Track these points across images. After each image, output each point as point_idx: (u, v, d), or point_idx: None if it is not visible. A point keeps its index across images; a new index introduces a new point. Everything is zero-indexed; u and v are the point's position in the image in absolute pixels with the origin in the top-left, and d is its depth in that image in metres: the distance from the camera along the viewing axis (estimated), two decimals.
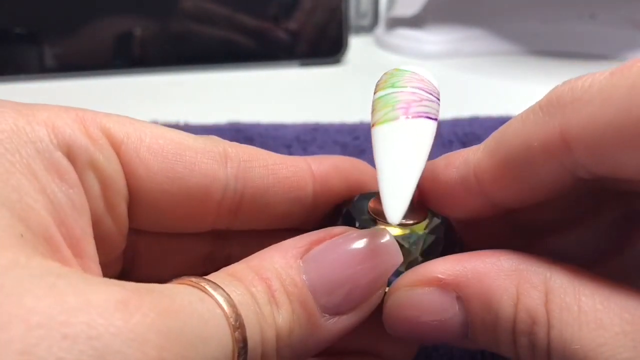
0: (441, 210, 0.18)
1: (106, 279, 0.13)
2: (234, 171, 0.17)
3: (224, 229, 0.18)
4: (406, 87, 0.17)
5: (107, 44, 0.49)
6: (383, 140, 0.15)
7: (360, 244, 0.15)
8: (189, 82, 0.49)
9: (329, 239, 0.16)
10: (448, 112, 0.42)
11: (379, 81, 0.18)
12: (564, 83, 0.15)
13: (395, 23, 0.59)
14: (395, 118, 0.16)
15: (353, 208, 0.18)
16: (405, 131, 0.16)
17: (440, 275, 0.15)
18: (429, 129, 0.16)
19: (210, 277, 0.14)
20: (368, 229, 0.16)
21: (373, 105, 0.17)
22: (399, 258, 0.16)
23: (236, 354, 0.13)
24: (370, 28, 0.62)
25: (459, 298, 0.15)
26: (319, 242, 0.16)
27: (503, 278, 0.15)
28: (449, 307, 0.15)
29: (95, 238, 0.15)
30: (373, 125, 0.16)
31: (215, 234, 0.19)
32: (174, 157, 0.16)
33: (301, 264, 0.15)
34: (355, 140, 0.39)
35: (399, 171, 0.15)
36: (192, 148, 0.16)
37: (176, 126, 0.21)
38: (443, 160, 0.18)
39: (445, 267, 0.16)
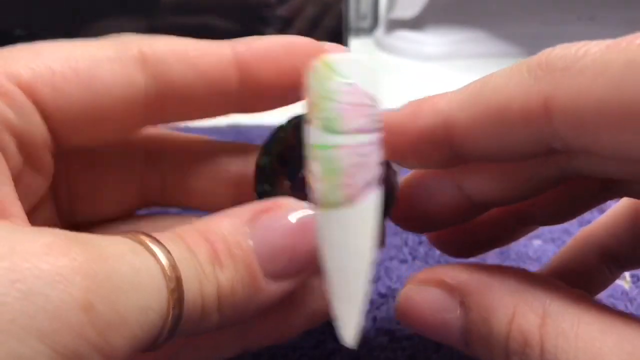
0: (403, 160, 0.18)
1: (36, 228, 0.13)
2: (150, 73, 0.16)
3: (150, 140, 0.19)
4: (341, 133, 0.15)
5: None
6: (326, 236, 0.15)
7: (302, 216, 0.16)
8: None
9: (276, 209, 0.16)
10: None
11: (312, 91, 0.16)
12: (556, 47, 0.14)
13: (395, 25, 0.59)
14: (337, 205, 0.15)
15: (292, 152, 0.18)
16: (349, 221, 0.15)
17: (448, 280, 0.16)
18: (375, 205, 0.16)
19: (154, 234, 0.14)
20: (310, 204, 0.16)
21: (312, 156, 0.15)
22: None
23: (171, 305, 0.13)
24: (370, 30, 0.62)
25: (462, 304, 0.16)
26: (266, 211, 0.16)
27: (504, 295, 0.15)
28: (451, 309, 0.16)
29: (18, 189, 0.15)
30: (315, 204, 0.15)
31: (146, 164, 0.19)
32: (89, 76, 0.15)
33: (248, 230, 0.15)
34: None
35: (351, 290, 0.15)
36: (105, 60, 0.16)
37: (176, 129, 0.21)
38: (409, 108, 0.17)
39: (455, 272, 0.16)
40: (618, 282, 0.26)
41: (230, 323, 0.15)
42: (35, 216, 0.17)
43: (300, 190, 0.17)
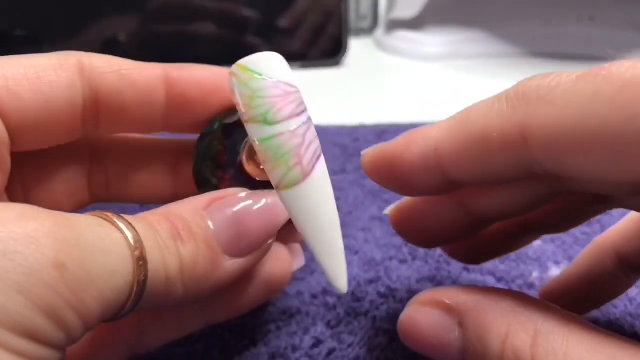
0: (402, 188, 0.19)
1: (8, 202, 0.14)
2: (87, 78, 0.18)
3: (94, 140, 0.21)
4: (279, 122, 0.17)
5: (107, 46, 0.49)
6: (296, 209, 0.17)
7: (253, 202, 0.18)
8: None
9: (227, 197, 0.18)
10: (448, 113, 0.42)
11: (239, 94, 0.17)
12: (532, 78, 0.15)
13: (395, 25, 0.59)
14: (297, 182, 0.17)
15: (229, 140, 0.20)
16: (312, 191, 0.17)
17: (447, 301, 0.17)
18: (325, 169, 0.18)
19: (125, 216, 0.16)
20: (261, 191, 0.19)
21: (260, 150, 0.17)
22: (284, 216, 0.18)
23: (136, 271, 0.15)
24: (370, 30, 0.62)
25: (460, 324, 0.17)
26: (220, 199, 0.18)
27: (498, 316, 0.16)
28: (450, 330, 0.17)
29: None
30: (277, 188, 0.17)
31: (91, 162, 0.21)
32: (38, 80, 0.17)
33: (205, 214, 0.17)
34: (355, 142, 0.39)
35: (330, 244, 0.18)
36: (50, 67, 0.18)
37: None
38: (404, 139, 0.18)
39: (453, 294, 0.17)
40: None
41: (193, 297, 0.17)
42: None
43: (238, 181, 0.20)
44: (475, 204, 0.19)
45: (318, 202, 0.18)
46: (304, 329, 0.23)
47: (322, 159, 0.18)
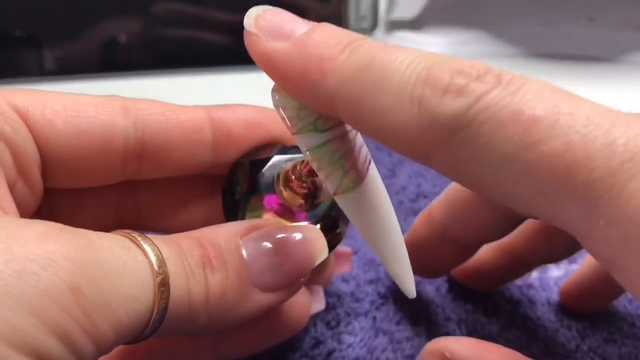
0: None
1: (32, 220, 0.14)
2: (131, 120, 0.18)
3: (132, 179, 0.20)
4: (329, 129, 0.17)
5: (108, 47, 0.49)
6: (357, 213, 0.17)
7: (292, 234, 0.17)
8: (195, 84, 0.49)
9: (266, 227, 0.18)
10: None
11: (285, 108, 0.17)
12: None
13: (395, 26, 0.59)
14: (355, 185, 0.17)
15: (264, 168, 0.20)
16: (370, 193, 0.17)
17: (447, 355, 0.17)
18: (377, 172, 0.18)
19: (152, 236, 0.15)
20: (301, 224, 0.19)
21: (313, 159, 0.17)
22: (324, 252, 0.18)
23: (157, 298, 0.14)
24: (369, 31, 0.62)
25: None
26: (259, 227, 0.17)
27: None
28: None
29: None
30: (335, 194, 0.17)
31: (122, 186, 0.21)
32: (75, 114, 0.17)
33: (240, 242, 0.17)
34: None
35: (396, 247, 0.17)
36: (91, 104, 0.18)
37: None
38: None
39: (457, 346, 0.17)
40: None
41: (217, 327, 0.16)
42: None
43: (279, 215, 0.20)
44: (459, 234, 0.21)
45: (377, 204, 0.17)
46: (304, 330, 0.23)
47: (373, 163, 0.18)
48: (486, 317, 0.24)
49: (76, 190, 0.19)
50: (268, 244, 0.17)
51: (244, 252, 0.17)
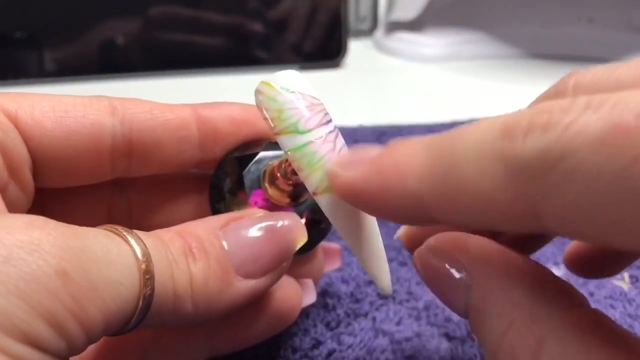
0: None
1: (20, 214, 0.14)
2: (119, 118, 0.19)
3: (122, 177, 0.20)
4: (310, 130, 0.17)
5: (106, 49, 0.50)
6: (335, 213, 0.17)
7: (270, 223, 0.18)
8: (193, 86, 0.49)
9: (245, 217, 0.18)
10: (447, 114, 0.42)
11: (267, 109, 0.17)
12: (528, 133, 0.12)
13: (395, 27, 0.59)
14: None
15: (251, 163, 0.20)
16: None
17: (461, 260, 0.15)
18: None
19: (135, 230, 0.16)
20: (279, 212, 0.19)
21: (294, 159, 0.17)
22: (303, 237, 0.18)
23: (142, 284, 0.15)
24: (369, 32, 0.62)
25: (469, 280, 0.15)
26: (237, 219, 0.18)
27: (505, 303, 0.14)
28: (459, 281, 0.15)
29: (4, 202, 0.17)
30: (314, 194, 0.17)
31: (113, 186, 0.21)
32: (64, 114, 0.18)
33: (220, 233, 0.17)
34: (354, 144, 0.39)
35: (372, 247, 0.18)
36: (79, 104, 0.18)
37: None
38: (377, 179, 0.15)
39: (466, 254, 0.15)
40: (617, 282, 0.26)
41: (204, 316, 0.17)
42: None
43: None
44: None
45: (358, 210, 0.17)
46: (304, 330, 0.23)
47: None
48: None
49: (68, 190, 0.20)
50: (247, 233, 0.18)
51: (224, 243, 0.17)
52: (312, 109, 0.18)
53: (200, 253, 0.16)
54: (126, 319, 0.15)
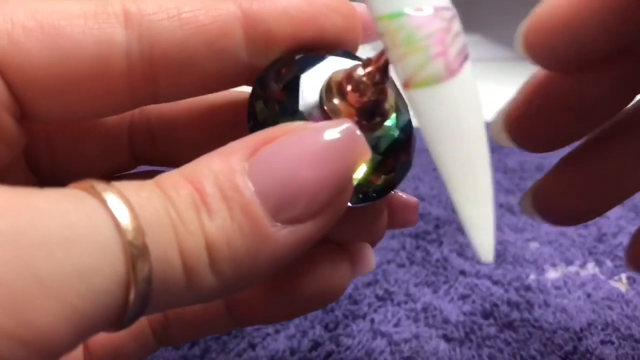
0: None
1: None
2: (135, 32, 0.13)
3: (147, 105, 0.15)
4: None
5: None
6: (434, 118, 0.12)
7: (317, 138, 0.13)
8: None
9: (286, 134, 0.13)
10: None
11: None
12: None
13: None
14: (439, 78, 0.12)
15: (304, 72, 0.15)
16: (458, 96, 0.12)
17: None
18: (473, 77, 0.13)
19: (120, 183, 0.11)
20: (328, 122, 0.13)
21: (385, 31, 0.12)
22: (366, 152, 0.13)
23: (130, 265, 0.10)
24: None
25: None
26: (270, 140, 0.13)
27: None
28: None
29: None
30: (406, 85, 0.12)
31: (132, 114, 0.17)
32: (55, 31, 0.13)
33: (246, 167, 0.12)
34: None
35: (477, 184, 0.12)
36: (78, 15, 0.13)
37: None
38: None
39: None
40: (614, 284, 0.26)
41: (238, 285, 0.12)
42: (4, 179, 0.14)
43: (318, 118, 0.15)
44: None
45: (465, 116, 0.12)
46: (302, 332, 0.23)
47: (470, 63, 0.13)
48: (484, 319, 0.24)
49: (78, 126, 0.16)
50: (284, 159, 0.12)
51: (248, 182, 0.12)
52: None
53: (217, 203, 0.12)
54: (115, 315, 0.11)
